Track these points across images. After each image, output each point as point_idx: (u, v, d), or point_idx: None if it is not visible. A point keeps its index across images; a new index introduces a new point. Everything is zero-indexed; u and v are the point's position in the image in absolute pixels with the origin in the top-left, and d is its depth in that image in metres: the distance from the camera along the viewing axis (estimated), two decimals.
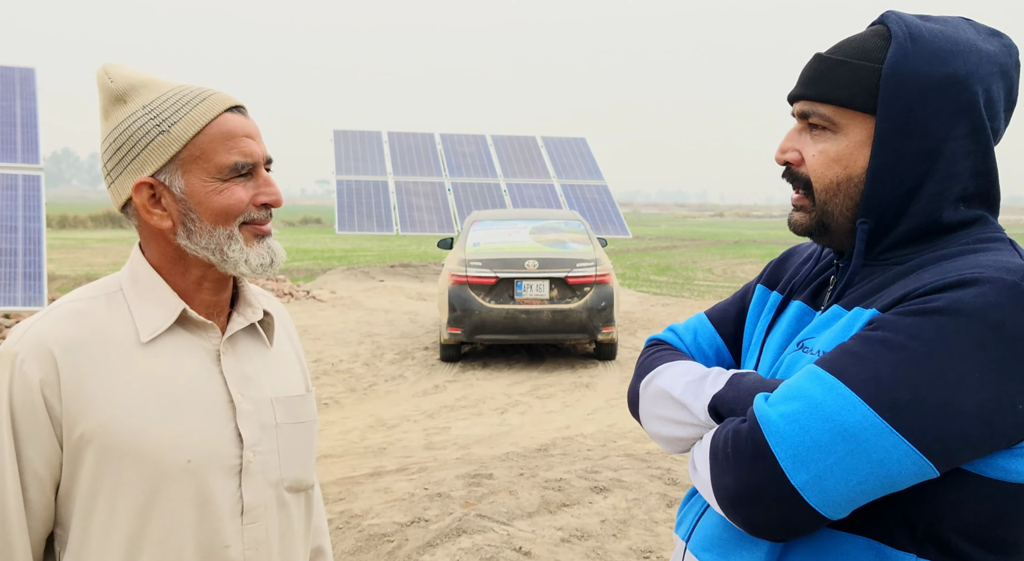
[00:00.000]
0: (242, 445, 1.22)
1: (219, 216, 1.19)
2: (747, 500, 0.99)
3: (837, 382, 0.96)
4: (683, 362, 1.25)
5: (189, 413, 1.19)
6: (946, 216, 1.08)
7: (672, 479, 4.44)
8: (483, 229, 9.09)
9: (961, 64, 1.05)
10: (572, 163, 17.24)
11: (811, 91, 1.10)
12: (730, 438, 1.02)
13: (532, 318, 8.25)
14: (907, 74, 1.05)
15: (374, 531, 3.78)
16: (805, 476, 0.95)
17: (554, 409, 6.97)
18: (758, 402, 1.02)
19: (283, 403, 1.30)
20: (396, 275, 16.90)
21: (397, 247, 29.11)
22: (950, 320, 0.94)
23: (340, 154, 16.72)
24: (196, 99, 1.20)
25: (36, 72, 9.69)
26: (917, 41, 1.06)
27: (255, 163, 1.22)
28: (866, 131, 1.08)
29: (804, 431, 0.95)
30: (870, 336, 0.99)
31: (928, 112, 1.05)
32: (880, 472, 0.94)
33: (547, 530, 3.74)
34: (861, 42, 1.10)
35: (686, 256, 25.98)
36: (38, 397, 1.13)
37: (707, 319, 1.36)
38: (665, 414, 1.18)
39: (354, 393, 7.60)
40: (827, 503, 0.95)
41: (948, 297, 0.96)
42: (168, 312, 1.21)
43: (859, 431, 0.93)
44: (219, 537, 1.20)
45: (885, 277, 1.09)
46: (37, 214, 8.31)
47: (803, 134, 1.13)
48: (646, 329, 10.74)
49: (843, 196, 1.10)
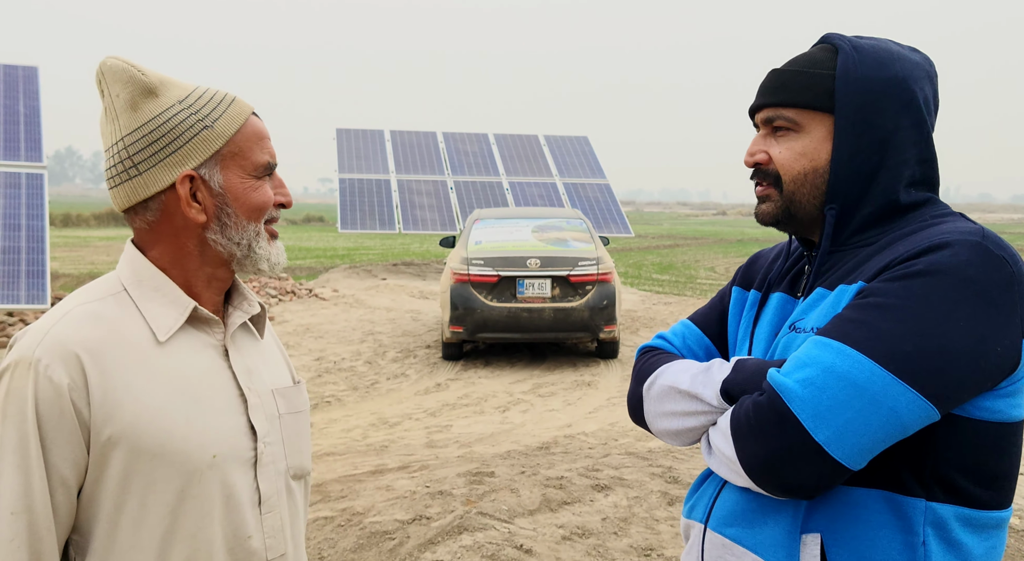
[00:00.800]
0: (255, 437, 1.25)
1: (253, 212, 1.24)
2: (778, 463, 1.09)
3: (843, 346, 1.08)
4: (681, 361, 1.33)
5: (210, 409, 1.21)
6: (901, 198, 1.23)
7: (673, 477, 4.45)
8: (485, 227, 9.10)
9: (900, 68, 1.23)
10: (574, 162, 17.24)
11: (775, 99, 1.26)
12: (751, 411, 1.12)
13: (534, 316, 8.26)
14: (856, 77, 1.21)
15: (375, 529, 3.79)
16: (827, 432, 1.06)
17: (556, 407, 6.98)
18: (772, 374, 1.12)
19: (282, 394, 1.33)
20: (398, 273, 16.91)
21: (399, 245, 29.13)
22: (932, 279, 1.08)
23: (343, 152, 16.73)
24: (227, 100, 1.25)
25: (39, 70, 9.71)
26: (860, 51, 1.23)
27: (276, 164, 1.28)
28: (826, 128, 1.24)
29: (821, 392, 1.07)
30: (863, 303, 1.11)
31: (877, 108, 1.21)
32: (892, 420, 1.05)
33: (548, 528, 3.75)
34: (811, 56, 1.27)
35: (688, 254, 25.97)
36: (67, 402, 1.11)
37: (692, 323, 1.47)
38: (674, 409, 1.26)
39: (356, 391, 7.62)
40: (849, 455, 1.06)
41: (926, 261, 1.10)
42: (179, 311, 1.22)
43: (870, 385, 1.05)
44: (243, 528, 1.22)
45: (858, 258, 1.22)
46: (40, 212, 8.32)
47: (767, 138, 1.28)
48: (648, 327, 10.74)
49: (809, 186, 1.25)
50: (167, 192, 1.21)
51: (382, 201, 15.81)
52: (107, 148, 1.24)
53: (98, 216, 37.94)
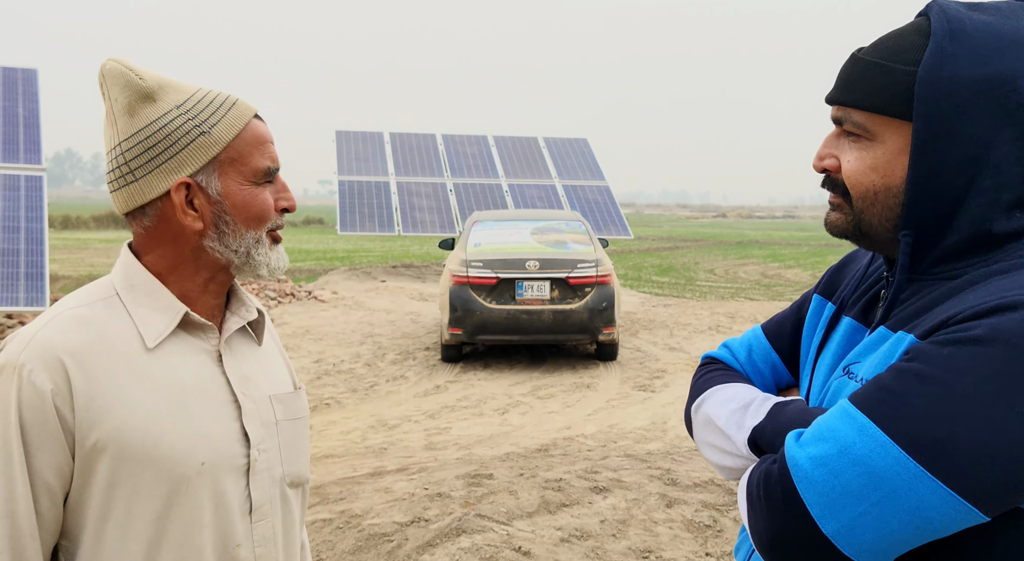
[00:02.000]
0: (248, 444, 1.23)
1: (252, 220, 1.21)
2: (779, 546, 0.95)
3: (867, 421, 0.90)
4: (731, 385, 1.20)
5: (199, 415, 1.19)
6: (997, 226, 0.98)
7: (672, 479, 4.45)
8: (484, 229, 9.10)
9: (1008, 63, 0.96)
10: (574, 164, 17.25)
11: (845, 96, 1.04)
12: (761, 481, 0.98)
13: (533, 318, 8.26)
14: (944, 77, 0.96)
15: (374, 531, 3.79)
16: (836, 524, 0.90)
17: (555, 409, 6.98)
18: (789, 442, 0.97)
19: (280, 400, 1.32)
20: (398, 275, 16.91)
21: (399, 247, 29.13)
22: (986, 350, 0.87)
23: (342, 154, 16.74)
24: (227, 103, 1.22)
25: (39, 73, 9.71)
26: (957, 38, 0.97)
27: (278, 168, 1.25)
28: (903, 139, 1.00)
29: (834, 476, 0.90)
30: (904, 368, 0.92)
31: (969, 118, 0.96)
32: (917, 519, 0.87)
33: (547, 530, 3.74)
34: (899, 40, 1.02)
35: (688, 257, 25.97)
36: (50, 407, 1.10)
37: (762, 333, 1.30)
38: (714, 442, 1.15)
39: (355, 393, 7.61)
40: (861, 552, 0.90)
41: (987, 324, 0.88)
42: (170, 316, 1.21)
43: (891, 476, 0.87)
44: (232, 537, 1.20)
45: (936, 294, 1.00)
46: (39, 214, 8.32)
47: (840, 139, 1.06)
48: (647, 330, 10.74)
49: (881, 206, 1.03)
50: (164, 198, 1.20)
51: (381, 203, 15.81)
52: (107, 152, 1.23)
53: (98, 218, 37.92)
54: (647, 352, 9.31)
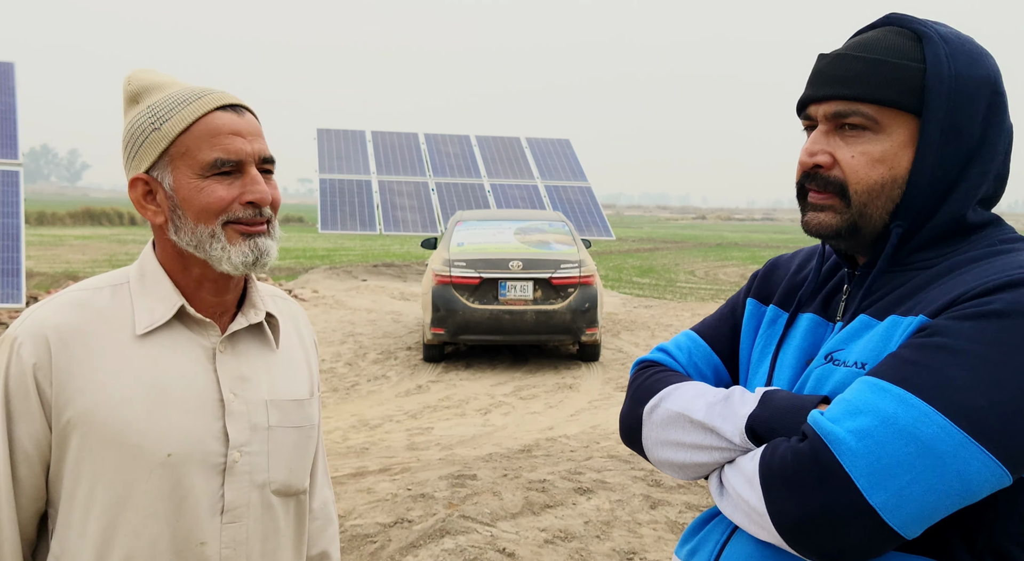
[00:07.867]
0: (228, 444, 1.22)
1: (200, 214, 1.20)
2: (817, 524, 0.93)
3: (905, 393, 0.92)
4: (691, 383, 1.18)
5: (174, 408, 1.19)
6: (969, 217, 1.06)
7: (655, 480, 4.45)
8: (467, 229, 9.08)
9: (990, 66, 1.06)
10: (556, 164, 17.26)
11: (849, 91, 1.06)
12: (789, 460, 0.96)
13: (516, 319, 8.24)
14: (950, 74, 1.03)
15: (357, 532, 3.76)
16: (884, 495, 0.90)
17: (537, 410, 6.97)
18: (817, 418, 0.96)
19: (278, 406, 1.29)
20: (379, 275, 16.84)
21: (380, 247, 29.03)
22: (1011, 322, 0.92)
23: (323, 153, 16.65)
24: (192, 98, 1.21)
25: (15, 66, 9.57)
26: (949, 42, 1.05)
27: (240, 160, 1.20)
28: (908, 131, 1.05)
29: (880, 447, 0.91)
30: (926, 343, 0.95)
31: (968, 113, 1.04)
32: (959, 485, 0.90)
33: (531, 531, 3.73)
34: (889, 42, 1.07)
35: (668, 258, 26.07)
36: (30, 380, 1.16)
37: (698, 337, 1.30)
38: (682, 439, 1.11)
39: (336, 393, 7.56)
40: (906, 522, 0.91)
41: (1003, 299, 0.94)
42: (166, 307, 1.22)
43: (938, 443, 0.90)
44: (195, 533, 1.20)
45: (912, 283, 1.05)
46: (15, 210, 8.20)
47: (831, 137, 1.08)
48: (629, 330, 10.77)
49: (885, 198, 1.06)
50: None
51: (363, 202, 15.74)
52: None
53: (74, 215, 37.48)
54: (629, 353, 9.33)
